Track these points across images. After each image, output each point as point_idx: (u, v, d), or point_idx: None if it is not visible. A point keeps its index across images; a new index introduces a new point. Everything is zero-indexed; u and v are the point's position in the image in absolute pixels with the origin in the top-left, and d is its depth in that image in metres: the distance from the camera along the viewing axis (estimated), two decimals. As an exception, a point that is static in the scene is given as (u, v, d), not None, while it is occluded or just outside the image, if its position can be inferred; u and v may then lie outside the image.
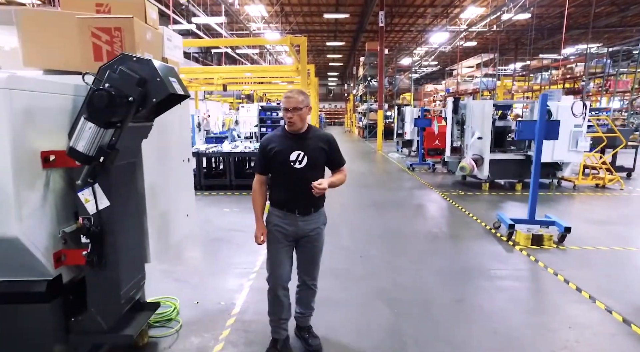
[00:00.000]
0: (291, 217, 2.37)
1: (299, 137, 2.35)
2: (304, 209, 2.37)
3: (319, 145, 2.37)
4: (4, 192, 1.54)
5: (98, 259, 1.80)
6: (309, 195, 2.25)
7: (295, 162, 2.31)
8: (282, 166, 2.33)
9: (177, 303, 3.04)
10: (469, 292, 3.41)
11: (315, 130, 2.45)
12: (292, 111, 2.25)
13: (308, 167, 2.31)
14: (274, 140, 2.37)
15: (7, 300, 1.72)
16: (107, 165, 1.69)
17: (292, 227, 2.38)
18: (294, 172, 2.31)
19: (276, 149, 2.33)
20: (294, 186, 2.33)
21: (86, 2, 2.16)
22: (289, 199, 2.38)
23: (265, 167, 2.41)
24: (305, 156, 2.31)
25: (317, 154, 2.36)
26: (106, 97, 1.55)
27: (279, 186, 2.43)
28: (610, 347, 2.59)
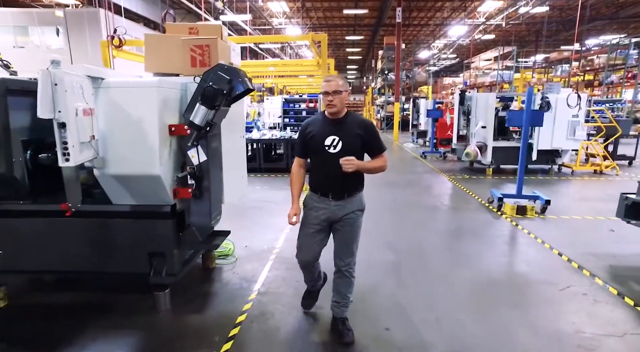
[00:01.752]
0: (325, 201, 2.43)
1: (336, 122, 2.39)
2: (337, 194, 2.41)
3: (355, 131, 2.38)
4: (152, 148, 2.58)
5: (199, 193, 2.84)
6: (343, 180, 2.32)
7: (330, 146, 2.35)
8: (318, 150, 2.39)
9: (232, 245, 4.09)
10: (457, 244, 4.35)
11: (354, 116, 2.48)
12: (332, 94, 2.30)
13: (343, 153, 2.32)
14: (312, 125, 2.45)
15: (148, 216, 2.78)
16: (207, 133, 2.72)
17: (326, 211, 2.43)
18: (329, 156, 2.35)
19: (313, 133, 2.40)
20: (328, 170, 2.37)
21: (183, 27, 3.19)
22: (323, 183, 2.44)
23: (304, 150, 2.49)
24: (340, 141, 2.34)
25: (352, 139, 2.37)
26: (213, 90, 2.56)
27: (315, 170, 2.49)
28: (551, 273, 3.51)
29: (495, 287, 3.27)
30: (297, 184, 2.55)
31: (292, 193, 2.54)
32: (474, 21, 22.88)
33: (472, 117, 8.43)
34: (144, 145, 2.58)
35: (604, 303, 2.97)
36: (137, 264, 2.87)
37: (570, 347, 2.44)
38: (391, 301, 3.04)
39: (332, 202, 2.41)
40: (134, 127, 2.58)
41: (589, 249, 4.05)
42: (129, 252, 2.86)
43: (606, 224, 4.89)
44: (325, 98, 2.34)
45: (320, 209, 2.44)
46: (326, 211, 2.43)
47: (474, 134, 8.39)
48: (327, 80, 2.35)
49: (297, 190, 2.55)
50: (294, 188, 2.55)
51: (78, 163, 2.27)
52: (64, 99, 2.09)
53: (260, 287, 3.28)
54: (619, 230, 4.55)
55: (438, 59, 33.00)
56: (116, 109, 2.57)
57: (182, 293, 3.14)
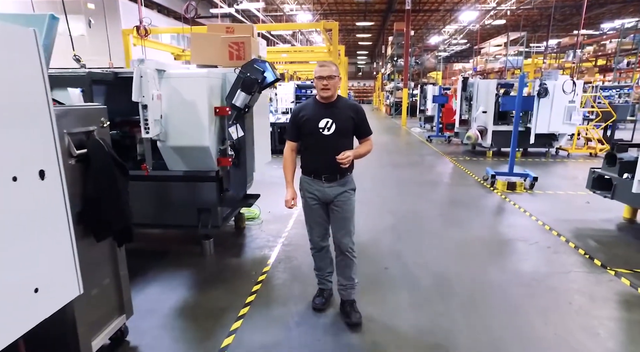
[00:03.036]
0: (318, 183, 2.53)
1: (329, 106, 2.48)
2: (330, 175, 2.50)
3: (347, 114, 2.49)
4: (202, 125, 3.30)
5: (237, 162, 3.58)
6: (335, 161, 2.38)
7: (324, 129, 2.44)
8: (312, 133, 2.46)
9: (259, 210, 4.84)
10: (450, 212, 5.05)
11: (345, 100, 2.60)
12: (327, 78, 2.39)
13: (336, 134, 2.44)
14: (305, 109, 2.53)
15: (198, 180, 3.54)
16: (245, 114, 3.44)
17: (320, 192, 2.54)
18: (323, 138, 2.45)
19: (307, 117, 2.48)
20: (322, 152, 2.46)
21: (221, 26, 3.87)
22: (316, 165, 2.52)
23: (296, 134, 2.56)
24: (334, 123, 2.43)
25: (346, 122, 2.48)
26: (250, 80, 3.27)
27: (308, 153, 2.56)
28: (525, 233, 4.20)
29: (477, 242, 3.98)
30: (290, 168, 2.62)
31: (287, 177, 2.61)
32: (485, 6, 22.96)
33: (474, 103, 8.98)
34: (196, 122, 3.31)
35: (561, 253, 3.67)
36: (189, 218, 3.64)
37: (526, 280, 3.15)
38: (390, 250, 3.78)
39: (325, 183, 2.51)
40: (188, 108, 3.30)
41: (563, 217, 4.72)
42: (183, 208, 3.63)
43: (585, 198, 5.52)
44: (319, 82, 2.42)
45: (315, 190, 2.53)
46: (321, 193, 2.53)
47: (475, 119, 8.96)
48: (322, 66, 2.43)
49: (291, 174, 2.63)
50: (288, 172, 2.62)
51: (153, 135, 3.02)
52: (146, 87, 2.82)
53: (284, 241, 4.04)
54: (594, 202, 5.18)
55: (448, 44, 33.01)
56: (175, 95, 3.29)
57: (222, 244, 3.92)
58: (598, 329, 2.52)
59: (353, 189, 2.63)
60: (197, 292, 3.04)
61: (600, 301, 2.85)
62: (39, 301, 1.37)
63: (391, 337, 2.44)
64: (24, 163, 1.31)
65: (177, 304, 2.84)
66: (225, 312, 2.73)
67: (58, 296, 1.46)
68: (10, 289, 1.26)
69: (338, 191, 2.54)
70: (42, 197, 1.38)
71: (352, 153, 2.40)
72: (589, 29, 29.54)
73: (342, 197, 2.54)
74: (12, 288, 1.26)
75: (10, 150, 1.25)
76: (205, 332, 2.51)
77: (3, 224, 1.22)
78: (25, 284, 1.31)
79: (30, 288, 1.33)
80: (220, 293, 3.01)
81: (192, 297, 2.97)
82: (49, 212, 1.42)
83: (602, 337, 2.45)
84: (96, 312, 2.08)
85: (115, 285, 2.22)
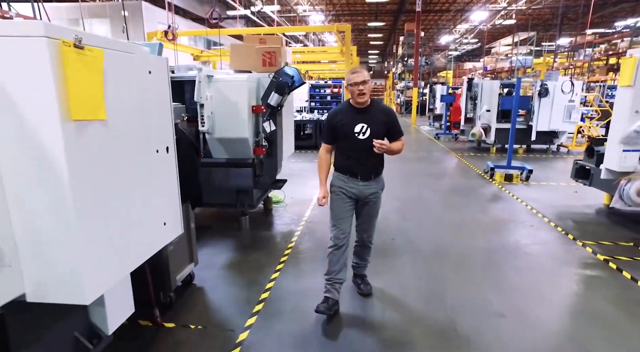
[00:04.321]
0: (354, 181, 2.65)
1: (363, 111, 2.58)
2: (365, 175, 2.64)
3: (381, 118, 2.60)
4: (243, 120, 4.04)
5: (269, 151, 4.31)
6: (371, 162, 2.56)
7: (359, 133, 2.55)
8: (347, 137, 2.58)
9: (283, 196, 5.58)
10: (450, 197, 5.72)
11: (378, 104, 2.69)
12: (362, 84, 2.49)
13: (370, 138, 2.53)
14: (340, 114, 2.64)
15: (238, 166, 4.28)
16: (277, 112, 4.17)
17: (354, 190, 2.66)
18: (358, 142, 2.56)
19: (342, 122, 2.60)
20: (358, 154, 2.60)
21: (255, 38, 4.61)
22: (353, 165, 2.64)
23: (332, 137, 2.68)
24: (369, 128, 2.55)
25: (379, 126, 2.58)
26: (282, 83, 3.99)
27: (343, 154, 2.67)
28: (515, 215, 4.85)
29: (471, 222, 4.65)
30: (325, 169, 2.74)
31: (320, 177, 2.73)
32: (495, 6, 23.34)
33: (478, 102, 9.59)
34: (237, 118, 4.05)
35: (543, 230, 4.32)
36: (229, 198, 4.39)
37: (508, 248, 3.83)
38: (396, 226, 4.48)
39: (360, 182, 2.65)
40: (231, 107, 4.04)
41: (551, 203, 5.35)
42: (224, 190, 4.38)
43: (575, 188, 6.13)
44: (354, 88, 2.52)
45: (350, 187, 2.66)
46: (355, 190, 2.66)
47: (479, 117, 9.57)
48: (356, 72, 2.55)
49: (325, 174, 2.75)
50: (322, 173, 2.73)
51: (207, 129, 3.77)
52: (203, 90, 3.57)
53: (307, 219, 4.77)
54: (581, 192, 5.79)
55: (459, 43, 33.37)
56: (221, 96, 4.03)
57: (255, 221, 4.67)
58: (559, 281, 3.19)
59: (382, 188, 2.80)
60: (240, 254, 3.79)
61: (566, 263, 3.52)
62: (166, 231, 2.12)
63: (396, 287, 3.14)
64: (161, 141, 2.05)
65: (226, 262, 3.60)
66: (265, 267, 3.47)
67: (173, 230, 2.20)
68: (153, 222, 2.01)
69: (372, 190, 2.70)
70: (167, 163, 2.12)
71: (387, 144, 2.52)
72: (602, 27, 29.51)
73: (373, 196, 2.72)
74: (154, 221, 2.01)
75: (156, 134, 2.00)
76: (251, 279, 3.25)
77: (152, 180, 1.97)
78: (160, 219, 2.06)
79: (162, 222, 2.08)
80: (259, 255, 3.75)
81: (237, 257, 3.72)
82: (170, 174, 2.16)
83: (560, 286, 3.12)
84: (177, 257, 2.83)
85: (187, 238, 2.97)
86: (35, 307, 1.58)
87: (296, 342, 2.43)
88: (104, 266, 1.63)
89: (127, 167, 1.78)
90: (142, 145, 1.91)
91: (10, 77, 1.33)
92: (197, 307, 2.85)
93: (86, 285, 1.54)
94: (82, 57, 1.44)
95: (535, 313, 2.73)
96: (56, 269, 1.50)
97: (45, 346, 1.74)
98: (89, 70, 1.47)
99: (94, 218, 1.56)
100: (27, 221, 1.45)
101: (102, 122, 1.58)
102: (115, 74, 1.65)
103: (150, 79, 1.97)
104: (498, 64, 27.92)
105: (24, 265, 1.49)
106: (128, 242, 1.81)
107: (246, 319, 2.68)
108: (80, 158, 1.47)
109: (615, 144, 3.85)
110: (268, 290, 3.08)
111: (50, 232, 1.46)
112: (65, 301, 1.55)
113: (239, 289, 3.11)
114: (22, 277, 1.50)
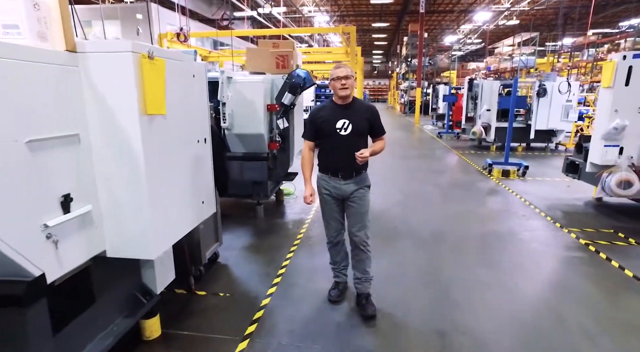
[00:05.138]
0: (335, 180, 2.66)
1: (345, 107, 2.61)
2: (347, 173, 2.64)
3: (363, 115, 2.63)
4: (259, 118, 4.45)
5: (283, 146, 4.72)
6: (352, 160, 2.52)
7: (341, 129, 2.57)
8: (330, 133, 2.58)
9: (293, 188, 5.99)
10: (450, 191, 6.11)
11: (360, 102, 2.73)
12: (344, 78, 2.52)
13: (352, 135, 2.57)
14: (323, 110, 2.65)
15: (253, 159, 4.70)
16: (290, 110, 4.58)
17: (337, 190, 2.66)
18: (340, 138, 2.58)
19: (324, 118, 2.60)
20: (339, 151, 2.61)
21: (269, 43, 5.02)
22: (333, 163, 2.65)
23: (314, 134, 2.68)
24: (350, 124, 2.56)
25: (361, 123, 2.61)
26: (295, 84, 4.40)
27: (325, 152, 2.69)
28: (510, 206, 5.24)
29: (468, 212, 5.05)
30: (308, 166, 2.76)
31: (305, 175, 2.75)
32: (498, 7, 23.62)
33: (479, 102, 9.95)
34: (254, 116, 4.46)
35: (533, 219, 4.71)
36: (245, 189, 4.81)
37: (500, 234, 4.22)
38: (399, 215, 4.88)
39: (341, 181, 2.64)
40: (248, 105, 4.45)
41: (543, 196, 5.73)
42: (241, 181, 4.80)
43: (568, 183, 6.50)
44: (337, 83, 2.54)
45: (332, 187, 2.67)
46: (337, 190, 2.66)
47: (479, 116, 9.94)
48: (339, 67, 2.57)
49: (309, 172, 2.77)
50: (306, 170, 2.75)
51: (227, 125, 4.19)
52: (225, 90, 3.99)
53: (316, 209, 5.18)
54: (574, 187, 6.16)
55: (463, 43, 33.63)
56: (239, 95, 4.45)
57: (268, 210, 5.09)
58: (543, 260, 3.59)
59: (368, 185, 2.77)
60: (257, 238, 4.21)
61: (551, 246, 3.91)
62: (203, 208, 2.54)
63: (397, 265, 3.55)
64: (201, 133, 2.48)
65: (245, 244, 4.02)
66: (280, 248, 3.89)
67: (209, 208, 2.63)
68: (196, 200, 2.43)
69: (354, 188, 2.67)
70: (205, 152, 2.54)
71: (368, 151, 2.54)
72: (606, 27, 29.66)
73: (357, 193, 2.68)
74: (196, 199, 2.43)
75: (197, 127, 2.42)
76: (269, 258, 3.67)
77: (195, 165, 2.39)
78: (199, 198, 2.49)
79: (200, 200, 2.50)
80: (274, 238, 4.17)
81: (255, 240, 4.14)
82: (207, 161, 2.59)
83: (543, 264, 3.52)
84: (206, 235, 3.25)
85: (214, 220, 3.39)
86: (110, 263, 2.01)
87: (311, 307, 2.84)
88: (163, 231, 2.06)
89: (178, 153, 2.20)
90: (188, 136, 2.33)
91: (103, 81, 1.76)
92: (223, 279, 3.27)
93: (152, 244, 1.97)
94: (153, 66, 1.86)
95: (519, 285, 3.13)
96: (130, 231, 1.93)
97: (114, 296, 2.16)
98: (156, 76, 1.90)
99: (158, 193, 1.99)
100: (110, 194, 1.88)
101: (163, 116, 2.01)
102: (170, 77, 2.07)
103: (194, 81, 2.40)
104: (501, 64, 28.20)
105: (105, 228, 1.92)
106: (179, 214, 2.24)
107: (267, 288, 3.10)
108: (151, 145, 1.89)
109: (598, 140, 4.22)
110: (284, 267, 3.49)
111: (127, 203, 1.89)
112: (136, 256, 1.99)
113: (259, 266, 3.53)
114: (104, 238, 1.93)
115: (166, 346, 2.42)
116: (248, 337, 2.49)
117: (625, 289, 3.09)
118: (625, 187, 4.01)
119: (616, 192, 4.09)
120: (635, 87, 3.88)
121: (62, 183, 1.65)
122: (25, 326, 1.51)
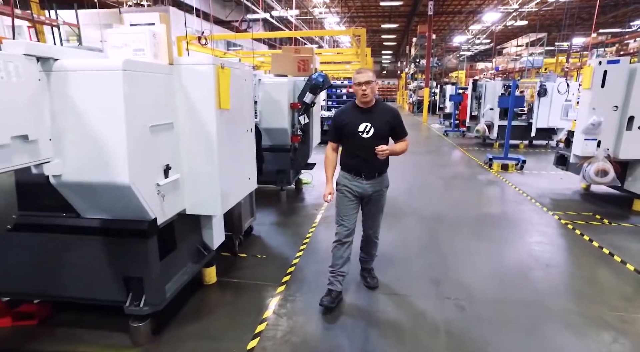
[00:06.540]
0: (358, 180, 2.72)
1: (367, 111, 2.66)
2: (370, 173, 2.71)
3: (384, 118, 2.66)
4: (284, 114, 5.14)
5: (303, 140, 5.42)
6: (374, 161, 2.61)
7: (363, 132, 2.62)
8: (352, 136, 2.65)
9: (312, 178, 6.67)
10: (452, 183, 6.75)
11: (382, 105, 2.75)
12: (365, 84, 2.56)
13: (374, 137, 2.61)
14: (345, 113, 2.73)
15: (279, 150, 5.39)
16: (310, 108, 5.27)
17: (359, 188, 2.73)
18: (362, 141, 2.63)
19: (347, 121, 2.67)
20: (362, 153, 2.66)
21: (291, 48, 5.72)
22: (357, 164, 2.70)
23: (337, 136, 2.77)
24: (372, 127, 2.61)
25: (383, 126, 2.65)
26: (315, 85, 5.09)
27: (348, 153, 2.75)
28: (506, 195, 5.87)
29: (466, 199, 5.68)
30: (331, 167, 2.84)
31: (327, 174, 2.82)
32: (507, 8, 24.01)
33: (482, 101, 10.54)
34: (279, 113, 5.16)
35: (524, 204, 5.34)
36: (271, 176, 5.51)
37: (493, 215, 4.86)
38: (405, 201, 5.54)
39: (364, 180, 2.72)
40: (275, 103, 5.15)
41: (536, 186, 6.34)
42: (272, 170, 5.50)
43: (562, 176, 7.08)
44: (358, 88, 2.61)
45: (354, 186, 2.74)
46: (360, 188, 2.73)
47: (483, 115, 10.52)
48: (360, 73, 2.62)
49: (332, 171, 2.84)
50: (328, 170, 2.83)
51: (257, 120, 4.90)
52: (257, 90, 4.70)
53: (331, 195, 5.86)
54: (566, 179, 6.75)
55: (472, 44, 34.01)
56: (267, 94, 5.15)
57: (290, 196, 5.79)
58: (526, 235, 4.23)
59: (387, 186, 2.88)
60: (283, 217, 4.92)
61: (535, 224, 4.55)
62: (250, 183, 3.26)
63: (402, 239, 4.22)
64: (249, 124, 3.19)
65: (274, 221, 4.73)
66: (303, 225, 4.59)
67: (253, 184, 3.34)
68: (245, 175, 3.14)
69: (375, 188, 2.78)
70: (251, 139, 3.25)
71: (389, 148, 2.61)
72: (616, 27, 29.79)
73: (377, 194, 2.80)
74: (246, 175, 3.15)
75: (247, 119, 3.13)
76: (294, 232, 4.38)
77: (245, 148, 3.10)
78: (246, 175, 3.20)
79: (247, 177, 3.21)
80: (297, 218, 4.87)
81: (281, 219, 4.85)
82: (252, 146, 3.29)
83: (526, 238, 4.17)
84: (245, 209, 3.96)
85: (250, 197, 4.10)
86: (184, 221, 2.72)
87: (332, 265, 3.53)
88: (227, 195, 2.77)
89: (236, 138, 2.91)
90: (242, 126, 3.04)
91: (191, 85, 2.46)
92: (258, 246, 3.98)
93: (218, 204, 2.67)
94: (223, 73, 2.56)
95: (502, 252, 3.78)
96: (204, 194, 2.63)
97: (186, 247, 2.88)
98: (225, 80, 2.60)
99: (225, 167, 2.69)
100: (190, 166, 2.58)
101: (227, 111, 2.71)
102: (232, 81, 2.77)
103: (245, 83, 3.10)
104: (509, 65, 28.56)
105: (185, 191, 2.63)
106: (237, 184, 2.96)
107: (295, 252, 3.80)
108: (221, 131, 2.60)
109: (579, 135, 4.83)
110: (308, 238, 4.19)
111: (203, 173, 2.60)
112: (207, 213, 2.70)
113: (287, 237, 4.23)
114: (184, 199, 2.64)
115: (222, 289, 3.13)
116: (285, 283, 3.19)
117: (589, 254, 3.73)
118: (602, 176, 4.61)
119: (594, 179, 4.69)
120: (610, 89, 4.49)
121: (166, 156, 2.36)
122: (147, 251, 2.23)
